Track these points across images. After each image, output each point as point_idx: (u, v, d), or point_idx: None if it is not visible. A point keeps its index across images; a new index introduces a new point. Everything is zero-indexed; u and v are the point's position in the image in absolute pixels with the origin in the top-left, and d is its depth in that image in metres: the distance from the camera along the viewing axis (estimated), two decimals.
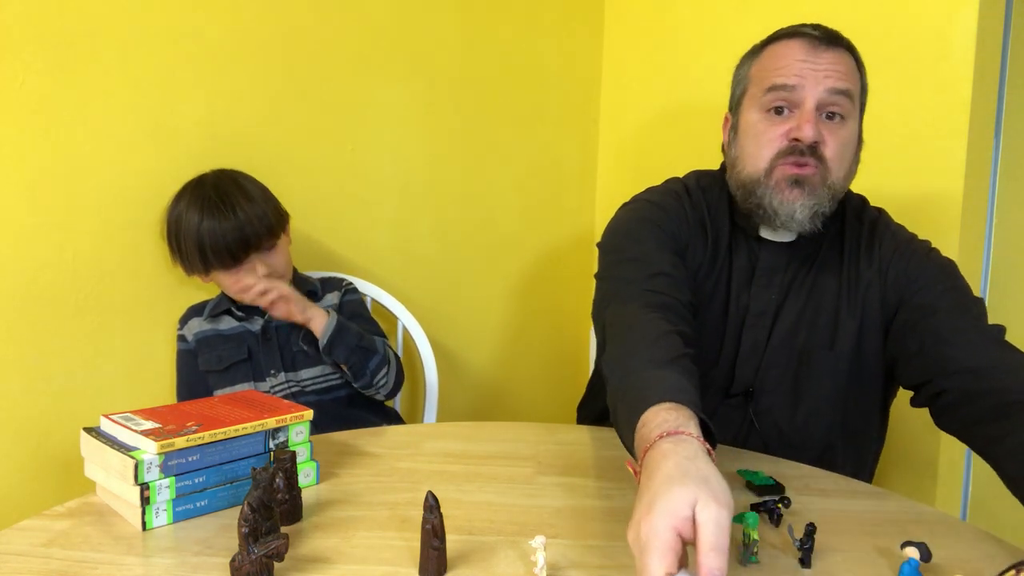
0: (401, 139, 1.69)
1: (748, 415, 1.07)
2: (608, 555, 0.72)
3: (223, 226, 1.25)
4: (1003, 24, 1.49)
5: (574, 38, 2.00)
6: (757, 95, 1.04)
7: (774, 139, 1.01)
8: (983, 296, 1.72)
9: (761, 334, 1.07)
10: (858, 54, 1.06)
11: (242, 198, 1.29)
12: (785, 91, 1.00)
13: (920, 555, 0.65)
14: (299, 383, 1.34)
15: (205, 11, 1.39)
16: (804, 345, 1.06)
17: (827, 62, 1.00)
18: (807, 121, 0.98)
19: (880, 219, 1.12)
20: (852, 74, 1.02)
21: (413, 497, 0.86)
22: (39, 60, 1.22)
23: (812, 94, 0.99)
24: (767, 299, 1.07)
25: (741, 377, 1.07)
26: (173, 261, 1.34)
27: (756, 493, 0.87)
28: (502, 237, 1.91)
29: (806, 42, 1.01)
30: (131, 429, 0.79)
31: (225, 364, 1.32)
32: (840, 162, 1.01)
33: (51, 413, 1.28)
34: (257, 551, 0.65)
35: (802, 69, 0.99)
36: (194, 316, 1.37)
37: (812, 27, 1.03)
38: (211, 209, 1.26)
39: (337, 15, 1.56)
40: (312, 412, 0.89)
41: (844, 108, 1.00)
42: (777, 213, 1.01)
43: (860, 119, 1.06)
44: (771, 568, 0.70)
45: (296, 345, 1.35)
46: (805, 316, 1.06)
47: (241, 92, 1.45)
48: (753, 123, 1.03)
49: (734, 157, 1.07)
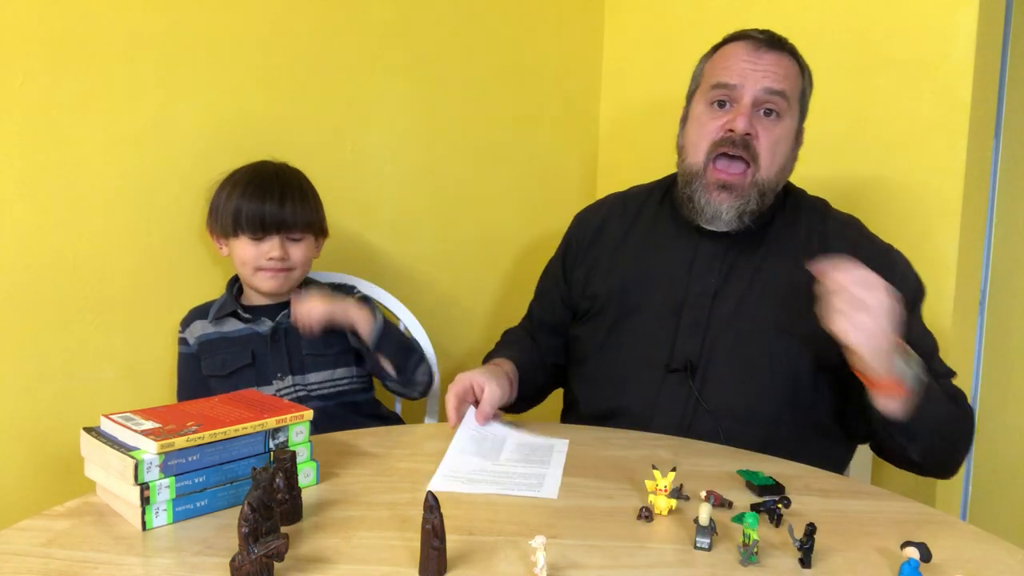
0: (401, 139, 1.69)
1: (692, 391, 1.12)
2: (608, 555, 0.72)
3: (266, 198, 1.28)
4: (1003, 24, 1.50)
5: (574, 38, 2.00)
6: (705, 90, 1.16)
7: (713, 130, 1.13)
8: (983, 296, 1.72)
9: (701, 313, 1.15)
10: (802, 59, 1.16)
11: (295, 188, 1.33)
12: (727, 88, 1.12)
13: (920, 555, 0.65)
14: (306, 387, 1.33)
15: (205, 11, 1.39)
16: (751, 326, 1.12)
17: (767, 63, 1.11)
18: (741, 115, 1.10)
19: (853, 224, 1.19)
20: (791, 76, 1.13)
21: (413, 497, 0.86)
22: (39, 60, 1.22)
23: (750, 91, 1.11)
24: (708, 282, 1.16)
25: (681, 353, 1.14)
26: (208, 224, 1.35)
27: (756, 493, 0.87)
28: (502, 237, 1.91)
29: (751, 44, 1.13)
30: (131, 429, 0.79)
31: (229, 369, 1.30)
32: (772, 156, 1.11)
33: (51, 413, 1.28)
34: (257, 551, 0.65)
35: (744, 69, 1.11)
36: (197, 319, 1.35)
37: (760, 31, 1.15)
38: (262, 182, 1.30)
39: (337, 15, 1.56)
40: (312, 412, 0.89)
41: (780, 107, 1.11)
42: (704, 211, 1.14)
43: (800, 119, 1.17)
44: (771, 568, 0.70)
45: (305, 348, 1.33)
46: (750, 298, 1.14)
47: (241, 92, 1.45)
48: (698, 115, 1.17)
49: (681, 145, 1.21)
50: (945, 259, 1.42)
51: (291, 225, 1.30)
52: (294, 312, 1.31)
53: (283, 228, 1.30)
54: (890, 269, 1.04)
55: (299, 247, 1.33)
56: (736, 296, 1.14)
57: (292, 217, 1.30)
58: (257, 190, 1.29)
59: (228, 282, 1.39)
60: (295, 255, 1.32)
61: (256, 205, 1.28)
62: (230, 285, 1.39)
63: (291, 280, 1.34)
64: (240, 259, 1.31)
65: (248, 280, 1.34)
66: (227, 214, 1.30)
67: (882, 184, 1.49)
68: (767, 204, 1.14)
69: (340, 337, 1.35)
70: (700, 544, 0.74)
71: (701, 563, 0.71)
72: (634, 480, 0.92)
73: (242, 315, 1.34)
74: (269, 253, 1.29)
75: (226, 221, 1.30)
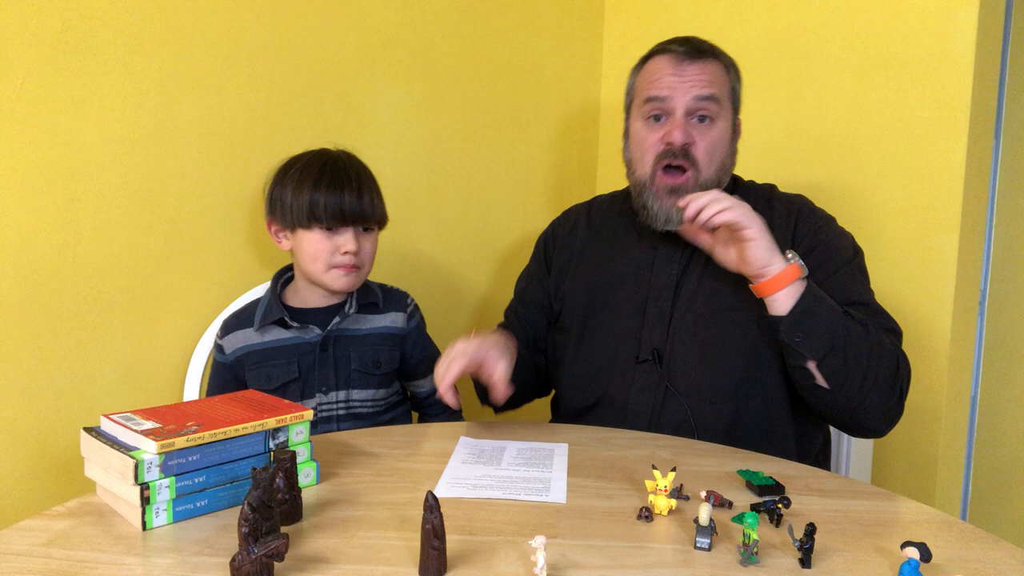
0: (401, 139, 1.69)
1: (662, 379, 1.18)
2: (608, 555, 0.72)
3: (344, 189, 1.24)
4: (1003, 24, 1.50)
5: (574, 38, 2.00)
6: (639, 105, 1.23)
7: (653, 144, 1.20)
8: (983, 296, 1.72)
9: (665, 304, 1.21)
10: (726, 59, 1.23)
11: (369, 178, 1.30)
12: (659, 102, 1.19)
13: (920, 555, 0.65)
14: (348, 404, 1.29)
15: (205, 11, 1.39)
16: (708, 309, 1.19)
17: (692, 74, 1.17)
18: (676, 127, 1.17)
19: (797, 200, 1.26)
20: (717, 80, 1.19)
21: (413, 497, 0.86)
22: (39, 60, 1.23)
23: (681, 103, 1.17)
24: (669, 275, 1.23)
25: (648, 343, 1.20)
26: (268, 212, 1.30)
27: (756, 493, 0.87)
28: (502, 237, 1.91)
29: (673, 57, 1.19)
30: (131, 429, 0.79)
31: (276, 384, 1.26)
32: (710, 158, 1.18)
33: (51, 413, 1.28)
34: (257, 551, 0.65)
35: (672, 82, 1.18)
36: (240, 328, 1.29)
37: (679, 43, 1.20)
38: (337, 172, 1.25)
39: (337, 15, 1.56)
40: (312, 412, 0.89)
41: (712, 111, 1.18)
42: (659, 216, 1.20)
43: (734, 114, 1.23)
44: (771, 568, 0.70)
45: (355, 363, 1.29)
46: (705, 284, 1.20)
47: (241, 92, 1.45)
48: (637, 130, 1.23)
49: (627, 160, 1.27)
50: (945, 259, 1.42)
51: (368, 217, 1.26)
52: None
53: (360, 220, 1.26)
54: (826, 231, 1.19)
55: (369, 240, 1.29)
56: (693, 285, 1.21)
57: (370, 208, 1.26)
58: (334, 180, 1.24)
59: (272, 280, 1.35)
60: (366, 249, 1.28)
61: (335, 196, 1.23)
62: (273, 286, 1.33)
63: (361, 278, 1.30)
64: (311, 254, 1.25)
65: (316, 277, 1.27)
66: (300, 206, 1.23)
67: (882, 184, 1.49)
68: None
69: (391, 356, 1.33)
70: (700, 544, 0.74)
71: (701, 563, 0.71)
72: (634, 480, 0.92)
73: (289, 323, 1.28)
74: (344, 247, 1.24)
75: (300, 213, 1.23)
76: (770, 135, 1.67)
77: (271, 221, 1.30)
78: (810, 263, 1.13)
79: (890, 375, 1.07)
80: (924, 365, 1.44)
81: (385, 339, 1.33)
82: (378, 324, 1.34)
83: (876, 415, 1.08)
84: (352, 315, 1.31)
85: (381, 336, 1.33)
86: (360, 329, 1.32)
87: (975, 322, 1.59)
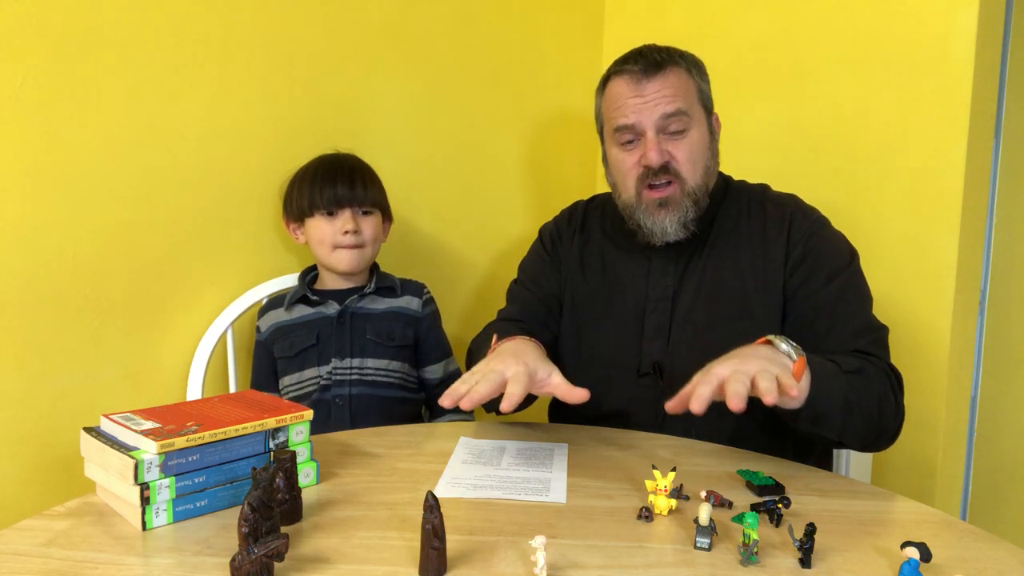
0: (401, 139, 1.69)
1: (663, 392, 1.13)
2: (608, 555, 0.72)
3: (337, 178, 1.40)
4: (1003, 24, 1.50)
5: (574, 38, 2.00)
6: (610, 132, 1.21)
7: (632, 168, 1.18)
8: (983, 296, 1.72)
9: (663, 317, 1.20)
10: (686, 61, 1.18)
11: (363, 169, 1.45)
12: (627, 129, 1.17)
13: (920, 555, 0.65)
14: (361, 371, 1.39)
15: (205, 11, 1.39)
16: (707, 320, 1.17)
17: (653, 91, 1.15)
18: (651, 149, 1.15)
19: (790, 201, 1.23)
20: (681, 90, 1.16)
21: (413, 497, 0.86)
22: (39, 60, 1.23)
23: (649, 124, 1.15)
24: (664, 286, 1.22)
25: (648, 355, 1.19)
26: (284, 212, 1.46)
27: (756, 493, 0.87)
28: (502, 237, 1.91)
29: (631, 78, 1.16)
30: (131, 429, 0.79)
31: (296, 350, 1.39)
32: (693, 168, 1.17)
33: (51, 413, 1.28)
34: (257, 551, 0.65)
35: (635, 105, 1.15)
36: (273, 308, 1.44)
37: (634, 60, 1.17)
38: (332, 166, 1.42)
39: (337, 15, 1.56)
40: (312, 412, 0.89)
41: (683, 123, 1.15)
42: (653, 231, 1.18)
43: (708, 115, 1.21)
44: (771, 568, 0.70)
45: (370, 332, 1.41)
46: (702, 296, 1.19)
47: (241, 92, 1.45)
48: (614, 156, 1.22)
49: (611, 184, 1.26)
50: (945, 259, 1.42)
51: (362, 200, 1.41)
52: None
53: (354, 202, 1.40)
54: (820, 236, 1.16)
55: (369, 222, 1.42)
56: (690, 296, 1.20)
57: (362, 193, 1.41)
58: (328, 172, 1.41)
59: (300, 274, 1.48)
60: (366, 230, 1.41)
61: (331, 184, 1.39)
62: (302, 276, 1.47)
63: (365, 258, 1.43)
64: (318, 239, 1.40)
65: (326, 260, 1.41)
66: (302, 199, 1.40)
67: (882, 184, 1.49)
68: (704, 206, 1.19)
69: (405, 333, 1.44)
70: (700, 544, 0.74)
71: (701, 563, 0.71)
72: (634, 480, 0.92)
73: (311, 299, 1.43)
74: (344, 227, 1.38)
75: (302, 204, 1.40)
76: (770, 135, 1.67)
77: (287, 219, 1.46)
78: (804, 271, 1.14)
79: (893, 409, 1.06)
80: (924, 365, 1.44)
81: (399, 316, 1.45)
82: (394, 304, 1.46)
83: (884, 443, 1.10)
84: (370, 295, 1.44)
85: (396, 314, 1.45)
86: (376, 308, 1.44)
87: (975, 322, 1.59)
